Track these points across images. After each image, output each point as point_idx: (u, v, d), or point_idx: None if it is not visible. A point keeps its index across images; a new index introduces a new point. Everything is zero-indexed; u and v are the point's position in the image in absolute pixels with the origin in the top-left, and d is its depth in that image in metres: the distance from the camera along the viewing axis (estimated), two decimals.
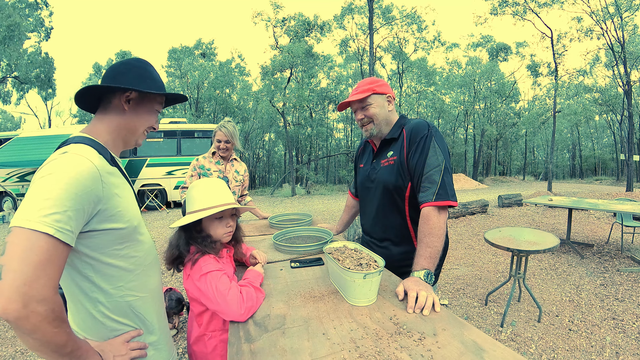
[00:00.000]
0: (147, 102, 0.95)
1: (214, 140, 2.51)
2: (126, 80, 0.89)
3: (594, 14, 13.11)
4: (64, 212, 0.69)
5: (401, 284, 1.08)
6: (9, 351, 2.60)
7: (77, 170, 0.74)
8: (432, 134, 1.31)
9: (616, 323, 2.68)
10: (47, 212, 0.67)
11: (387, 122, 1.43)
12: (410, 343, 0.82)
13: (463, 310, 3.06)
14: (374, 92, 1.39)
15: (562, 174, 37.19)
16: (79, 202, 0.73)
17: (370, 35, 13.05)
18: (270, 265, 1.46)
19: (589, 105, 20.37)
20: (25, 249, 0.64)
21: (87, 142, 0.84)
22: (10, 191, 9.52)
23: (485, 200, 8.33)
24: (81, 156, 0.76)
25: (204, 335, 1.17)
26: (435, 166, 1.26)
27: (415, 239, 1.35)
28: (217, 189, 1.20)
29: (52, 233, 0.67)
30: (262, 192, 18.94)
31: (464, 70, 26.54)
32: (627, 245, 4.78)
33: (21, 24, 15.20)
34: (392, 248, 1.43)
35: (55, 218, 0.68)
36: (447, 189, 1.24)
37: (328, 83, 25.54)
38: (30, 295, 0.62)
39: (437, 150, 1.28)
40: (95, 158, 0.80)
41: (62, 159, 0.75)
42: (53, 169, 0.72)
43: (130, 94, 0.90)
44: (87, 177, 0.75)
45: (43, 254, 0.65)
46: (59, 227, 0.68)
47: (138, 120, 0.94)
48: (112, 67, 0.91)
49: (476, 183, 18.95)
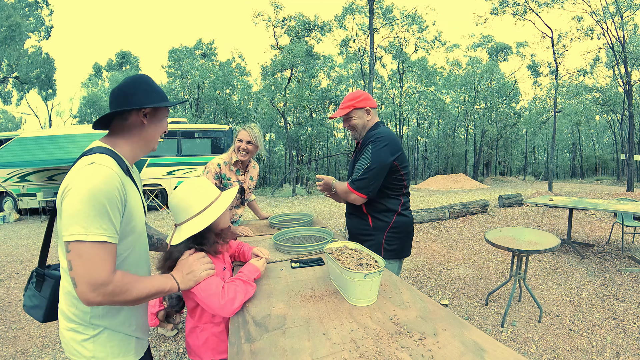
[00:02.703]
0: (159, 113, 1.08)
1: (235, 140, 2.27)
2: (137, 98, 1.00)
3: (595, 13, 13.08)
4: (108, 219, 0.85)
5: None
6: (9, 351, 2.60)
7: (105, 177, 0.86)
8: (371, 142, 1.69)
9: (617, 323, 2.68)
10: (96, 223, 0.82)
11: (365, 128, 1.82)
12: (411, 343, 0.82)
13: (464, 310, 3.06)
14: (354, 107, 1.78)
15: (562, 174, 37.15)
16: (114, 204, 0.87)
17: (371, 35, 13.05)
18: (270, 265, 1.46)
19: (590, 105, 20.36)
20: (87, 259, 0.81)
21: (108, 152, 0.95)
22: (11, 191, 9.53)
23: (485, 200, 8.33)
24: (105, 166, 0.88)
25: (196, 328, 1.19)
26: (362, 164, 1.68)
27: (367, 214, 1.79)
28: (206, 186, 1.18)
29: (106, 239, 0.83)
30: (262, 192, 18.94)
31: (464, 70, 26.54)
32: (627, 245, 4.77)
33: (21, 24, 15.19)
34: (355, 219, 1.88)
35: (103, 226, 0.83)
36: (359, 182, 1.67)
37: (328, 83, 25.56)
38: (98, 285, 0.81)
39: (367, 154, 1.67)
40: (115, 166, 0.92)
41: (91, 170, 0.85)
42: (87, 181, 0.83)
43: (145, 110, 1.02)
44: (114, 182, 0.88)
45: (101, 256, 0.82)
46: (109, 234, 0.84)
47: (155, 129, 1.07)
48: (119, 89, 1.01)
49: (477, 183, 18.94)
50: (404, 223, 1.78)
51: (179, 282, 1.01)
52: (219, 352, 1.19)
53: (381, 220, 1.75)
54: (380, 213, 1.75)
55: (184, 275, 1.02)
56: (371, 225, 1.76)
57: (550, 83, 18.42)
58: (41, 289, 1.06)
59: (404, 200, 1.79)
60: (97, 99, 25.05)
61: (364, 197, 1.68)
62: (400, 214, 1.77)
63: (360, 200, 1.71)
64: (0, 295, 3.72)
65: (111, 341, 0.97)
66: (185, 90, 24.40)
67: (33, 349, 2.63)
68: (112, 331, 0.97)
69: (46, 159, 8.48)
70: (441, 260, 4.60)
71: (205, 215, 1.10)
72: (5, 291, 3.85)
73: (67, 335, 0.95)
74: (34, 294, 1.07)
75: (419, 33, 21.43)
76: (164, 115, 1.10)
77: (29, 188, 9.52)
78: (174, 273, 1.03)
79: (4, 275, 4.38)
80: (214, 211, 1.11)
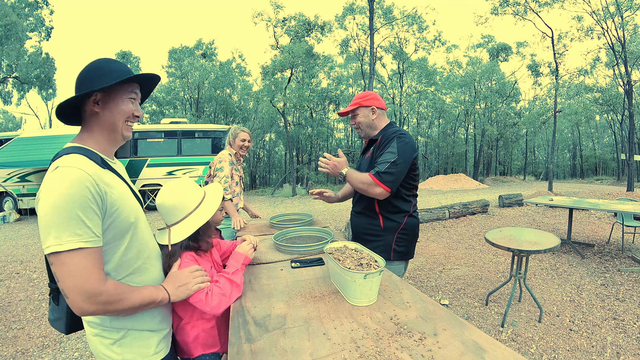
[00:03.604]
0: (114, 96, 0.94)
1: (235, 141, 2.68)
2: (88, 85, 0.90)
3: (595, 13, 13.08)
4: (81, 223, 0.79)
5: None
6: (9, 351, 2.60)
7: (70, 181, 0.79)
8: (396, 137, 1.66)
9: (617, 323, 2.68)
10: (68, 230, 0.77)
11: (370, 127, 1.83)
12: (411, 343, 0.82)
13: (464, 310, 3.06)
14: (361, 105, 1.81)
15: (562, 174, 37.11)
16: (85, 206, 0.80)
17: (371, 35, 13.04)
18: (270, 265, 1.46)
19: (590, 105, 20.33)
20: (69, 269, 0.77)
21: (75, 150, 0.88)
22: (11, 191, 9.53)
23: (485, 200, 8.33)
24: (71, 167, 0.82)
25: (187, 324, 1.18)
26: (387, 158, 1.61)
27: (379, 214, 1.74)
28: (193, 185, 1.21)
29: (83, 246, 0.79)
30: (262, 192, 18.94)
31: (464, 70, 26.52)
32: (627, 245, 4.77)
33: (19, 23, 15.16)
34: (363, 218, 1.83)
35: (77, 232, 0.78)
36: (386, 176, 1.59)
37: (328, 83, 25.54)
38: (90, 295, 0.78)
39: (394, 149, 1.63)
40: (84, 164, 0.84)
41: (56, 176, 0.81)
42: (53, 188, 0.79)
43: (96, 95, 0.91)
44: (82, 183, 0.80)
45: (82, 264, 0.78)
46: (85, 239, 0.79)
47: (112, 115, 0.94)
48: (76, 80, 0.93)
49: (477, 183, 18.93)
50: (413, 225, 1.77)
51: (170, 294, 1.00)
52: (207, 346, 1.21)
53: (393, 221, 1.72)
54: (392, 214, 1.73)
55: (177, 287, 1.01)
56: (382, 225, 1.73)
57: (551, 83, 18.40)
58: (58, 302, 1.01)
59: (414, 201, 1.79)
60: None
61: (389, 191, 1.61)
62: (411, 215, 1.76)
63: (385, 194, 1.63)
64: (1, 295, 3.72)
65: (138, 341, 0.96)
66: (186, 90, 24.39)
67: (33, 349, 2.63)
68: (137, 331, 0.96)
69: (46, 159, 8.48)
70: (441, 260, 4.60)
71: (201, 211, 1.14)
72: (5, 291, 3.85)
73: (95, 341, 0.94)
74: (53, 307, 1.03)
75: (419, 33, 21.42)
76: (122, 97, 0.95)
77: (29, 188, 9.52)
78: (165, 285, 1.02)
79: (4, 275, 4.39)
80: (209, 206, 1.15)
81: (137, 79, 0.97)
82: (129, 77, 0.92)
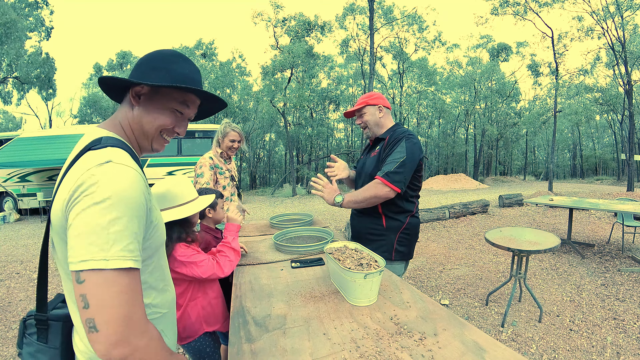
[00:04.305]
0: (160, 98, 0.79)
1: (224, 140, 2.45)
2: (140, 72, 0.77)
3: (595, 13, 13.08)
4: (134, 237, 0.63)
5: None
6: (9, 351, 2.60)
7: (130, 183, 0.65)
8: (405, 138, 1.66)
9: (617, 323, 2.67)
10: (121, 243, 0.60)
11: (378, 125, 1.83)
12: (411, 343, 0.82)
13: (464, 310, 3.06)
14: (367, 104, 1.81)
15: (562, 174, 37.10)
16: (141, 216, 0.66)
17: (371, 35, 13.04)
18: (270, 265, 1.46)
19: (590, 104, 20.33)
20: (112, 294, 0.58)
21: (120, 145, 0.73)
22: (11, 191, 9.54)
23: (485, 200, 8.33)
24: (126, 166, 0.67)
25: (187, 307, 1.31)
26: (396, 158, 1.61)
27: (382, 214, 1.73)
28: (188, 184, 1.34)
29: (133, 265, 0.62)
30: (262, 192, 18.94)
31: (464, 70, 26.52)
32: (628, 245, 4.77)
33: (18, 22, 15.14)
34: (365, 218, 1.82)
35: (130, 247, 0.62)
36: (395, 176, 1.58)
37: (329, 83, 25.56)
38: (130, 334, 0.59)
39: (403, 149, 1.62)
40: (134, 164, 0.70)
41: (110, 171, 0.64)
42: (108, 186, 0.62)
43: (142, 88, 0.77)
44: (140, 187, 0.67)
45: (129, 288, 0.61)
46: (135, 256, 0.63)
47: (148, 119, 0.79)
48: (138, 60, 0.82)
49: (477, 183, 18.93)
50: (415, 225, 1.78)
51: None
52: (209, 324, 1.36)
53: (396, 221, 1.72)
54: (395, 213, 1.73)
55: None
56: (384, 225, 1.73)
57: (551, 83, 18.39)
58: (47, 339, 0.77)
59: (417, 202, 1.80)
60: (97, 99, 25.04)
61: (398, 191, 1.60)
62: (414, 215, 1.77)
63: (393, 194, 1.61)
64: (1, 295, 3.72)
65: None
66: None
67: None
68: None
69: (46, 159, 8.49)
70: (441, 260, 4.60)
71: (195, 204, 1.28)
72: (5, 291, 3.85)
73: None
74: (39, 349, 0.76)
75: (419, 33, 21.43)
76: (166, 104, 0.80)
77: (29, 188, 9.53)
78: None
79: (4, 275, 4.39)
80: (201, 202, 1.31)
81: (195, 92, 0.81)
82: (183, 86, 0.77)
